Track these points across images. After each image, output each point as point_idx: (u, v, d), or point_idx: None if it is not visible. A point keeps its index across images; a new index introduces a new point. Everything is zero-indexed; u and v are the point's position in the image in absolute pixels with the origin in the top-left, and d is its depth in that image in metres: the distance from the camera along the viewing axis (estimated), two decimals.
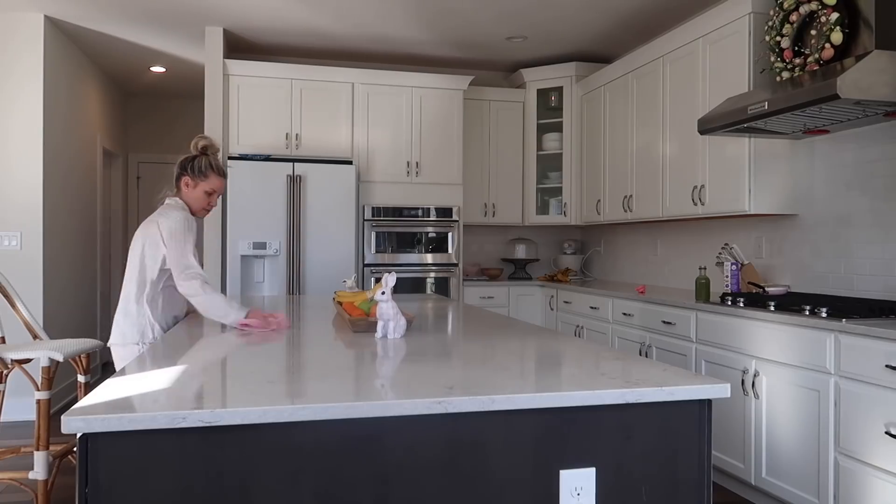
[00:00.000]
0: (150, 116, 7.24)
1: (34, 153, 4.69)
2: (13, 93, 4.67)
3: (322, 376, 1.48)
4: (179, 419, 1.15)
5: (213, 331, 2.31)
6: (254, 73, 4.96)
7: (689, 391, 1.40)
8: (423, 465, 1.27)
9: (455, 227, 5.30)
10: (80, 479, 1.14)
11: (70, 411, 1.14)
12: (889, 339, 2.42)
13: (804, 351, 2.81)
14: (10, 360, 2.78)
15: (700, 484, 1.42)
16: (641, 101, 4.61)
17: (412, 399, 1.26)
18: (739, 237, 4.11)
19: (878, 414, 2.48)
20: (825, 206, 3.47)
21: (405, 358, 1.74)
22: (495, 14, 4.62)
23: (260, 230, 4.76)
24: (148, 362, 1.65)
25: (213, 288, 2.39)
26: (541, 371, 1.59)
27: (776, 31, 3.24)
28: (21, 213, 4.67)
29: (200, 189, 2.60)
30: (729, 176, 3.70)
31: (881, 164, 3.16)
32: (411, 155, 5.26)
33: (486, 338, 2.13)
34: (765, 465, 3.05)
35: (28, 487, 2.81)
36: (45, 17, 4.70)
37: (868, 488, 2.52)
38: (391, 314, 2.07)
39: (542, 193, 5.77)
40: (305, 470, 1.22)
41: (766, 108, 2.97)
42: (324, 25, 4.87)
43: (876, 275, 3.18)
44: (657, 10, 4.55)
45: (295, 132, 5.04)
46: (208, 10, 4.58)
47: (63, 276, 5.13)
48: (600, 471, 1.36)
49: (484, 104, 5.68)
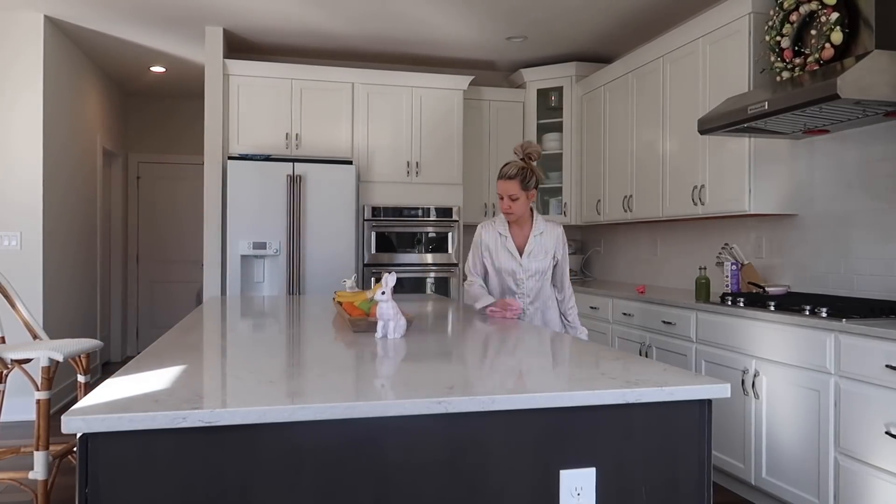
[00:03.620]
0: (150, 116, 7.23)
1: (34, 153, 4.69)
2: (13, 93, 4.67)
3: (322, 376, 1.48)
4: (179, 419, 1.15)
5: (214, 330, 2.31)
6: (254, 73, 4.96)
7: (689, 391, 1.40)
8: (423, 465, 1.27)
9: (455, 227, 5.30)
10: (80, 479, 1.14)
11: (70, 411, 1.14)
12: (889, 339, 2.42)
13: (804, 351, 2.81)
14: (10, 360, 2.78)
15: (700, 484, 1.42)
16: (641, 101, 4.60)
17: (412, 399, 1.26)
18: (739, 237, 4.11)
19: (878, 414, 2.48)
20: (825, 206, 3.47)
21: (405, 358, 1.74)
22: (495, 14, 4.62)
23: (260, 230, 4.76)
24: (148, 362, 1.64)
25: (471, 286, 3.02)
26: (541, 371, 1.59)
27: (776, 30, 3.24)
28: (21, 213, 4.67)
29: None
30: (729, 176, 3.70)
31: (881, 163, 3.16)
32: (411, 155, 5.26)
33: (486, 338, 2.13)
34: (765, 465, 3.05)
35: (28, 487, 2.81)
36: (45, 17, 4.70)
37: (868, 488, 2.52)
38: (391, 314, 2.07)
39: (542, 193, 5.76)
40: (305, 470, 1.22)
41: (766, 108, 2.97)
42: (324, 25, 4.87)
43: (876, 275, 3.18)
44: (657, 10, 4.55)
45: (295, 132, 5.04)
46: (208, 10, 4.58)
47: (63, 276, 5.13)
48: (600, 471, 1.36)
49: (484, 104, 5.68)
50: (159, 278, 7.28)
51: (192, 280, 7.28)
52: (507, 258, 2.94)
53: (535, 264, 2.94)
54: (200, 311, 2.92)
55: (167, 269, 7.30)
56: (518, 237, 2.98)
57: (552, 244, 2.97)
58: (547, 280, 3.00)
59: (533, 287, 2.96)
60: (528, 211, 2.96)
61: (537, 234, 2.95)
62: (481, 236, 3.00)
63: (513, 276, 2.95)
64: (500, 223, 2.98)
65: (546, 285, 3.00)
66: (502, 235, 2.96)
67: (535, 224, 2.96)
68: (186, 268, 7.31)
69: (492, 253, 2.99)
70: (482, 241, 3.00)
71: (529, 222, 2.98)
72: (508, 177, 2.85)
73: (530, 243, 2.94)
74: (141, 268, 7.23)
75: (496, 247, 2.98)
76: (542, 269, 2.95)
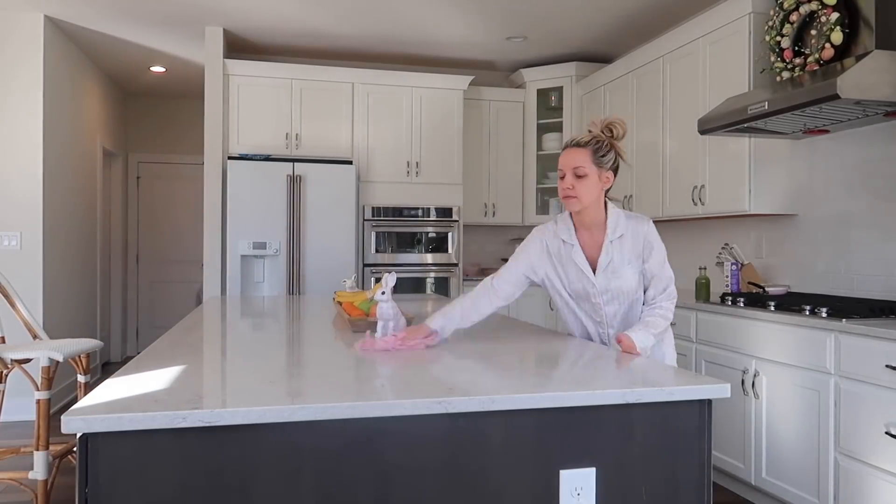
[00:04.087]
0: (150, 116, 7.23)
1: (34, 153, 4.68)
2: (13, 93, 4.67)
3: (322, 376, 1.48)
4: (179, 419, 1.15)
5: (213, 330, 2.31)
6: (254, 73, 4.96)
7: (689, 391, 1.40)
8: (423, 465, 1.27)
9: (455, 227, 5.30)
10: (80, 479, 1.14)
11: (70, 411, 1.14)
12: (889, 339, 2.41)
13: (804, 351, 2.81)
14: (10, 360, 2.78)
15: (700, 484, 1.42)
16: (642, 101, 4.60)
17: (412, 399, 1.26)
18: (739, 237, 4.11)
19: (878, 414, 2.48)
20: (825, 206, 3.47)
21: (405, 358, 1.74)
22: (495, 14, 4.62)
23: (260, 230, 4.76)
24: (148, 362, 1.64)
25: (474, 292, 2.15)
26: (541, 371, 1.59)
27: (776, 30, 3.24)
28: (21, 213, 4.67)
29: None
30: (729, 176, 3.70)
31: (881, 163, 3.16)
32: (411, 155, 5.26)
33: (486, 338, 2.13)
34: (765, 465, 3.05)
35: (28, 487, 2.81)
36: (45, 17, 4.70)
37: (868, 488, 2.52)
38: (391, 314, 2.06)
39: (542, 193, 5.76)
40: (305, 470, 1.22)
41: (766, 108, 2.97)
42: (324, 25, 4.87)
43: (876, 275, 3.18)
44: (657, 10, 4.55)
45: (295, 132, 5.04)
46: (208, 10, 4.58)
47: (63, 276, 5.13)
48: (600, 471, 1.36)
49: (484, 104, 5.68)
50: (159, 278, 7.28)
51: (192, 280, 7.27)
52: (577, 274, 2.11)
53: (616, 282, 2.08)
54: (200, 311, 2.92)
55: (167, 269, 7.30)
56: (588, 245, 2.11)
57: (637, 248, 2.09)
58: (637, 302, 2.13)
59: (616, 314, 2.12)
60: (601, 204, 2.09)
61: (615, 238, 2.08)
62: (545, 243, 2.16)
63: (588, 301, 2.12)
64: (564, 226, 2.14)
65: (637, 309, 2.13)
66: (567, 243, 2.12)
67: (609, 223, 2.09)
68: (186, 268, 7.31)
69: (560, 268, 2.13)
70: (544, 248, 2.15)
71: (602, 222, 2.10)
72: (577, 144, 2.06)
73: (606, 252, 2.07)
74: (141, 268, 7.23)
75: (559, 256, 2.13)
76: (627, 289, 2.08)
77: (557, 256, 2.13)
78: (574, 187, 2.03)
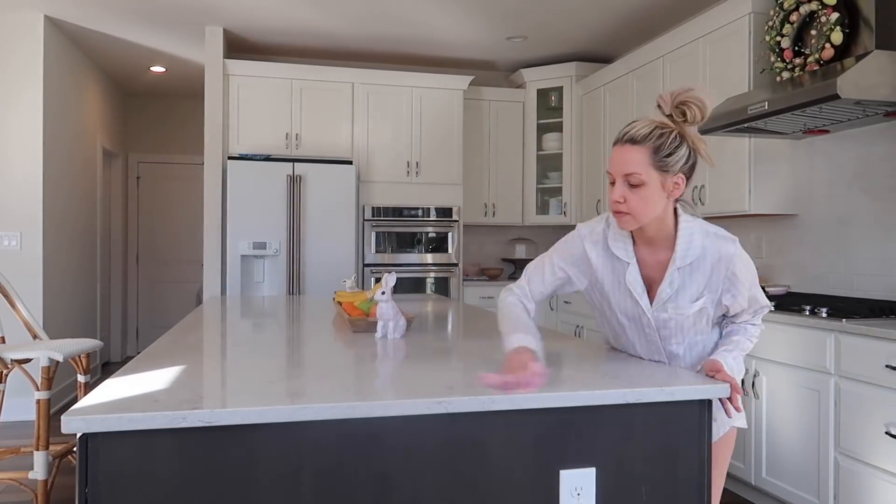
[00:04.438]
0: (150, 116, 7.23)
1: (34, 153, 4.69)
2: (13, 93, 4.67)
3: (322, 376, 1.48)
4: (179, 419, 1.15)
5: (213, 330, 2.31)
6: (254, 73, 4.96)
7: (689, 391, 1.40)
8: (423, 465, 1.27)
9: (455, 227, 5.30)
10: (80, 479, 1.14)
11: (70, 411, 1.14)
12: (889, 339, 2.41)
13: (804, 351, 2.81)
14: (10, 360, 2.78)
15: (700, 484, 1.42)
16: (642, 101, 4.60)
17: (412, 399, 1.26)
18: (739, 237, 4.09)
19: (878, 414, 2.48)
20: (825, 206, 3.47)
21: (405, 358, 1.74)
22: (496, 14, 4.62)
23: (260, 230, 4.76)
24: (148, 362, 1.64)
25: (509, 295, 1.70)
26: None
27: (776, 31, 3.24)
28: (21, 213, 4.67)
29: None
30: (729, 176, 3.70)
31: (881, 163, 3.16)
32: (411, 155, 5.26)
33: (486, 338, 2.13)
34: (765, 465, 3.05)
35: (28, 487, 2.81)
36: (45, 17, 4.70)
37: (868, 488, 2.52)
38: (391, 314, 2.06)
39: (542, 193, 5.76)
40: (305, 470, 1.22)
41: (766, 108, 2.97)
42: (324, 25, 4.87)
43: (876, 275, 3.18)
44: (657, 10, 4.55)
45: (295, 132, 5.04)
46: (208, 10, 4.58)
47: (63, 276, 5.13)
48: (600, 471, 1.36)
49: (484, 104, 5.68)
50: (159, 278, 7.28)
51: (192, 280, 7.28)
52: (625, 298, 1.66)
53: (679, 319, 1.62)
54: (200, 311, 2.92)
55: (167, 269, 7.29)
56: (648, 264, 1.63)
57: (716, 281, 1.59)
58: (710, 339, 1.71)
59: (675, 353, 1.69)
60: (669, 215, 1.58)
61: (683, 264, 1.58)
62: (584, 250, 1.66)
63: (637, 322, 1.68)
64: (615, 233, 1.64)
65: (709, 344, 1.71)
66: (621, 260, 1.63)
67: (680, 243, 1.57)
68: (186, 268, 7.31)
69: (600, 281, 1.67)
70: (583, 255, 1.66)
71: (671, 236, 1.60)
72: (630, 139, 1.52)
73: (669, 282, 1.59)
74: (141, 268, 7.23)
75: (607, 273, 1.65)
76: (691, 325, 1.64)
77: (604, 269, 1.65)
78: (626, 200, 1.52)
